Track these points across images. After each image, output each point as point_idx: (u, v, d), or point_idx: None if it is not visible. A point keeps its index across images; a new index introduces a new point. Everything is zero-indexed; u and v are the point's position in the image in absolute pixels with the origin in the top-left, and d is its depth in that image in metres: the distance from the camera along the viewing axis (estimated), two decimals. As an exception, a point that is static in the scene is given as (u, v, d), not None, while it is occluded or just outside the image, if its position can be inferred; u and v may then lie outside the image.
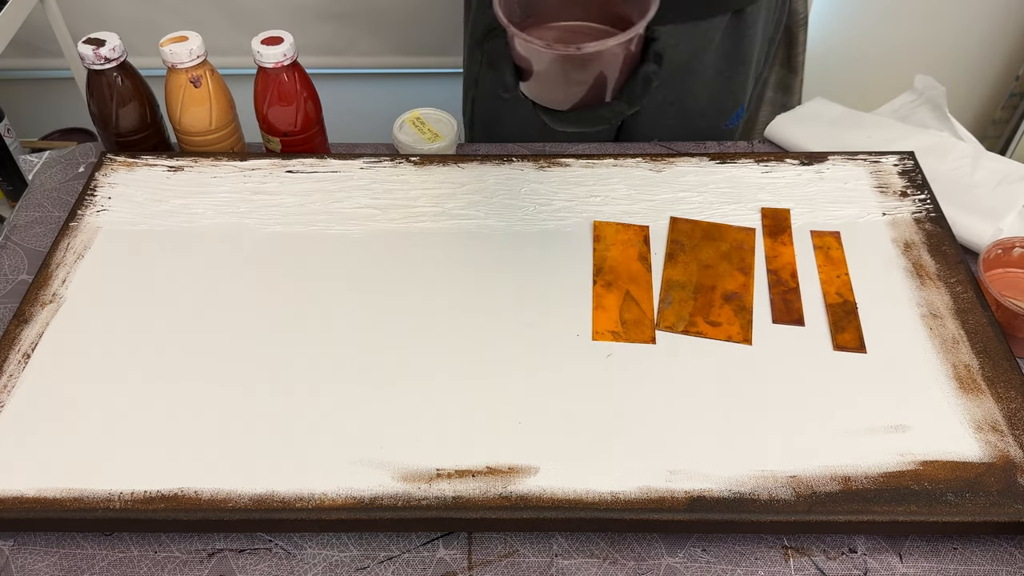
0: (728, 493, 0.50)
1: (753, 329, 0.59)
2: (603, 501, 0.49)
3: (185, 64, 0.71)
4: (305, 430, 0.53)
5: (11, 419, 0.54)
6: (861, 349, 0.58)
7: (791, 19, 0.94)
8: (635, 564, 0.51)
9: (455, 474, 0.51)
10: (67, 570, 0.50)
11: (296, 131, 0.73)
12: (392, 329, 0.59)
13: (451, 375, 0.56)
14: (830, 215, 0.68)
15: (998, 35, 1.43)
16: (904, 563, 0.51)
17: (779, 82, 1.00)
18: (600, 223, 0.67)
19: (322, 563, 0.51)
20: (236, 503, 0.49)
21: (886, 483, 0.50)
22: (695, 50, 0.83)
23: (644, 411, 0.54)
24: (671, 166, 0.72)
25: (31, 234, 0.72)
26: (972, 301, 0.60)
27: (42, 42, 1.41)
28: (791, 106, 0.99)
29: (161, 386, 0.55)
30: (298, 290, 0.62)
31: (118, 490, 0.50)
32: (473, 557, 0.51)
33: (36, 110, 1.59)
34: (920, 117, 0.82)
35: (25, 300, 0.61)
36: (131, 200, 0.69)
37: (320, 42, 1.40)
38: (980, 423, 0.53)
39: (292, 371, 0.56)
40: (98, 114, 0.72)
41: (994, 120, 1.52)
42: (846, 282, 0.62)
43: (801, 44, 0.97)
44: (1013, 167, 0.73)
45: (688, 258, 0.64)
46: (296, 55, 0.71)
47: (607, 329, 0.59)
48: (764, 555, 0.51)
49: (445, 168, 0.72)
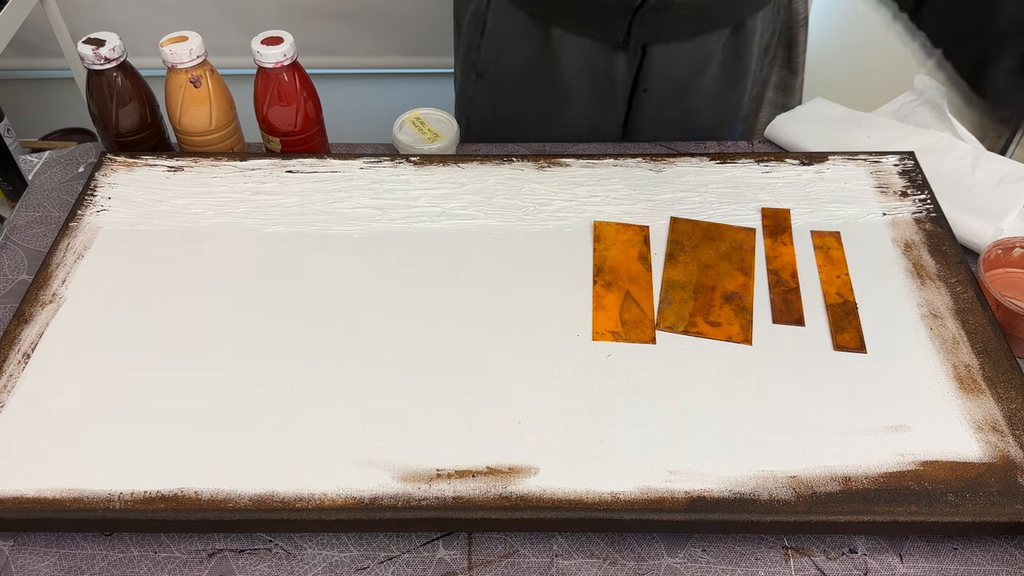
0: (728, 493, 0.50)
1: (753, 329, 0.59)
2: (603, 501, 0.49)
3: (185, 64, 0.70)
4: (305, 430, 0.53)
5: (11, 419, 0.54)
6: (861, 349, 0.58)
7: (791, 19, 0.93)
8: (635, 564, 0.51)
9: (455, 474, 0.51)
10: (67, 570, 0.50)
11: (296, 131, 0.73)
12: (392, 329, 0.59)
13: (451, 375, 0.56)
14: (830, 215, 0.68)
15: (998, 35, 1.43)
16: (904, 563, 0.51)
17: (779, 82, 1.00)
18: (600, 223, 0.67)
19: (322, 563, 0.51)
20: (236, 503, 0.49)
21: (886, 483, 0.50)
22: (696, 67, 0.82)
23: (644, 411, 0.54)
24: (671, 166, 0.72)
25: (31, 234, 0.72)
26: (972, 301, 0.60)
27: (42, 42, 1.41)
28: (791, 106, 0.99)
29: (161, 386, 0.55)
30: (298, 290, 0.62)
31: (118, 490, 0.50)
32: (473, 557, 0.51)
33: (36, 110, 1.59)
34: (920, 117, 0.82)
35: (25, 300, 0.61)
36: (131, 200, 0.69)
37: (320, 42, 1.40)
38: (980, 423, 0.53)
39: (292, 371, 0.56)
40: (98, 114, 0.72)
41: (994, 120, 1.52)
42: (846, 282, 0.62)
43: (801, 44, 0.96)
44: (1013, 167, 0.73)
45: (688, 258, 0.64)
46: (296, 55, 0.71)
47: (607, 329, 0.59)
48: (764, 555, 0.51)
49: (445, 168, 0.72)
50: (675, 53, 0.80)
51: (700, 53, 0.81)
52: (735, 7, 0.79)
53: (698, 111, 0.86)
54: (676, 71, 0.82)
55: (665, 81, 0.83)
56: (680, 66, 0.82)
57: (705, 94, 0.85)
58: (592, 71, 0.82)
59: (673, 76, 0.82)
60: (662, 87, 0.83)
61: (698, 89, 0.84)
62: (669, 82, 0.83)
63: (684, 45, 0.80)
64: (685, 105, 0.85)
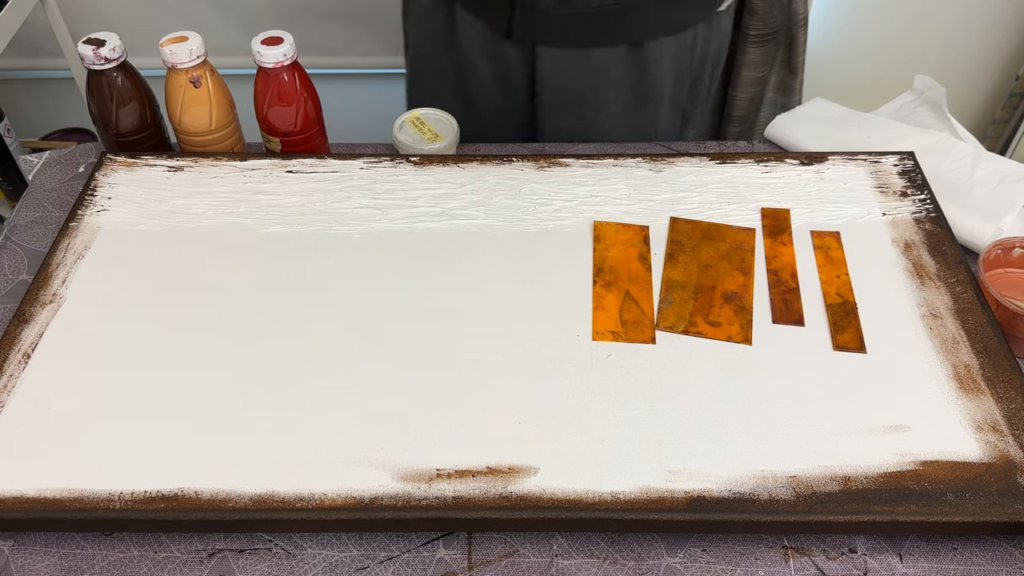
0: (728, 493, 0.50)
1: (753, 329, 0.59)
2: (603, 501, 0.49)
3: (185, 64, 0.71)
4: (305, 430, 0.53)
5: (11, 419, 0.54)
6: (861, 349, 0.58)
7: (791, 20, 0.93)
8: (635, 564, 0.51)
9: (455, 474, 0.51)
10: (67, 570, 0.50)
11: (296, 131, 0.73)
12: (392, 329, 0.59)
13: (451, 375, 0.56)
14: (830, 215, 0.68)
15: (998, 35, 1.43)
16: (904, 563, 0.51)
17: (779, 82, 1.00)
18: (600, 223, 0.67)
19: (322, 563, 0.51)
20: (236, 503, 0.49)
21: (886, 483, 0.50)
22: (588, 80, 0.81)
23: (644, 411, 0.54)
24: (671, 166, 0.72)
25: (31, 234, 0.72)
26: (972, 301, 0.60)
27: (42, 42, 1.41)
28: (791, 106, 0.99)
29: (161, 386, 0.55)
30: (298, 290, 0.62)
31: (118, 490, 0.50)
32: (473, 557, 0.51)
33: (36, 110, 1.59)
34: (920, 117, 0.82)
35: (25, 300, 0.61)
36: (131, 200, 0.69)
37: (320, 42, 1.40)
38: (980, 423, 0.53)
39: (292, 371, 0.56)
40: (98, 114, 0.72)
41: (994, 120, 1.52)
42: (846, 282, 0.62)
43: (801, 44, 0.96)
44: (1013, 167, 0.73)
45: (688, 258, 0.64)
46: (296, 55, 0.71)
47: (607, 329, 0.59)
48: (764, 555, 0.51)
49: (445, 168, 0.72)
50: (564, 59, 0.80)
51: (591, 65, 0.80)
52: (624, 25, 0.78)
53: (604, 130, 0.85)
54: (568, 80, 0.81)
55: (559, 89, 0.82)
56: (571, 75, 0.81)
57: (606, 112, 0.83)
58: (490, 57, 0.83)
59: (566, 85, 0.82)
60: (556, 94, 0.83)
61: (599, 106, 0.83)
62: (564, 91, 0.82)
63: (570, 53, 0.79)
64: (585, 119, 0.84)
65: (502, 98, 0.86)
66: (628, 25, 0.77)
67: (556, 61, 0.80)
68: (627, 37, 0.78)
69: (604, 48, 0.79)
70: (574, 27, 0.77)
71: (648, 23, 0.78)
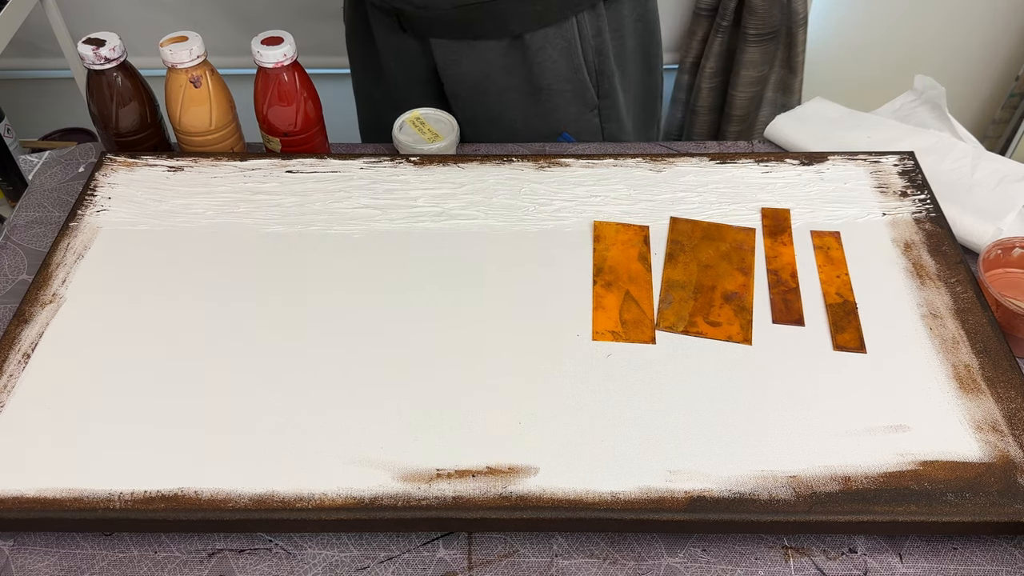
0: (728, 493, 0.50)
1: (753, 329, 0.59)
2: (603, 501, 0.49)
3: (185, 64, 0.71)
4: (305, 430, 0.53)
5: (11, 419, 0.54)
6: (861, 349, 0.58)
7: (791, 19, 0.93)
8: (635, 564, 0.51)
9: (455, 474, 0.51)
10: (67, 570, 0.50)
11: (296, 131, 0.74)
12: (392, 329, 0.59)
13: (451, 375, 0.56)
14: (830, 215, 0.68)
15: (998, 35, 1.43)
16: (904, 563, 0.51)
17: (779, 82, 1.00)
18: (600, 223, 0.67)
19: (322, 563, 0.51)
20: (236, 503, 0.49)
21: (886, 483, 0.50)
22: (483, 71, 0.82)
23: (644, 411, 0.54)
24: (671, 166, 0.72)
25: (31, 234, 0.72)
26: (972, 301, 0.60)
27: (42, 42, 1.41)
28: (791, 106, 0.99)
29: (161, 386, 0.55)
30: (298, 290, 0.62)
31: (118, 490, 0.50)
32: (473, 557, 0.51)
33: (36, 110, 1.59)
34: (920, 117, 0.82)
35: (25, 300, 0.61)
36: (131, 200, 0.69)
37: (320, 42, 1.40)
38: (980, 423, 0.53)
39: (292, 371, 0.56)
40: (98, 114, 0.72)
41: (994, 120, 1.52)
42: (846, 282, 0.62)
43: (801, 44, 0.96)
44: (1013, 167, 0.73)
45: (688, 258, 0.64)
46: (296, 55, 0.71)
47: (607, 329, 0.59)
48: (764, 555, 0.51)
49: (445, 168, 0.72)
50: (457, 51, 0.81)
51: (479, 57, 0.80)
52: (496, 19, 0.78)
53: (511, 119, 0.85)
54: (464, 71, 0.82)
55: (458, 80, 0.83)
56: (464, 67, 0.81)
57: (507, 101, 0.83)
58: (397, 47, 0.84)
59: (463, 76, 0.82)
60: (457, 85, 0.83)
61: (496, 96, 0.83)
62: (462, 82, 0.83)
63: (461, 45, 0.80)
64: (491, 108, 0.84)
65: (420, 95, 0.87)
66: (499, 18, 0.78)
67: (449, 54, 0.81)
68: (504, 30, 0.78)
69: (488, 40, 0.80)
70: (453, 21, 0.78)
71: (516, 15, 0.78)
